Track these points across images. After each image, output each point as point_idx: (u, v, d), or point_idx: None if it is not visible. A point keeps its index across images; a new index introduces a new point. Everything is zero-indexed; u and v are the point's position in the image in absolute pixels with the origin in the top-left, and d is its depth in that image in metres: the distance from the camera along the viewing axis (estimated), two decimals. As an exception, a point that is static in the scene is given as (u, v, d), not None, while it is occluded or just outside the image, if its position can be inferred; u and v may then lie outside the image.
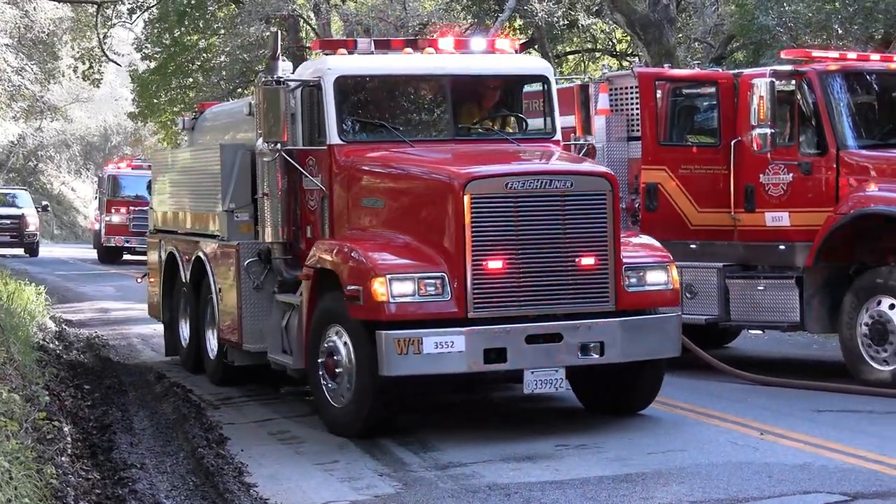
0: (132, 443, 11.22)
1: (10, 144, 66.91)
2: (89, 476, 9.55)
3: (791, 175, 14.19)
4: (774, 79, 13.87)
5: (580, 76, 15.94)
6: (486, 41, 13.45)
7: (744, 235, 14.72)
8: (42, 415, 10.48)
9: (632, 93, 15.08)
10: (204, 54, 42.88)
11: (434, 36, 14.54)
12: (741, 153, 14.63)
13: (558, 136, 12.86)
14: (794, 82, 14.24)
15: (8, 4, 45.89)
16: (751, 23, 24.77)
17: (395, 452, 10.62)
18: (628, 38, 34.41)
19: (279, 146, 12.22)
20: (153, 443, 11.35)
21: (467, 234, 10.71)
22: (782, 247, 14.29)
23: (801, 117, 14.26)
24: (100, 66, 46.59)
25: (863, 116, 14.63)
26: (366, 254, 10.98)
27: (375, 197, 11.83)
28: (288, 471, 10.16)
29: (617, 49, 38.46)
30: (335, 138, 12.09)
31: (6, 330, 14.57)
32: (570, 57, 39.66)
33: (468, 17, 34.36)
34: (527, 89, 13.21)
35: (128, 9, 43.95)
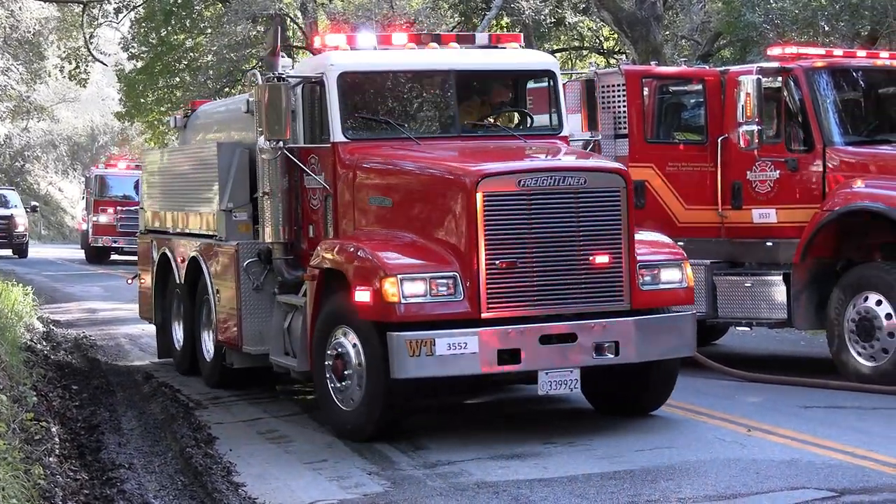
0: (120, 443, 11.21)
1: (-3, 145, 66.87)
2: (77, 476, 9.54)
3: (778, 172, 14.21)
4: (761, 76, 13.88)
5: (577, 72, 15.79)
6: (491, 35, 13.21)
7: (731, 232, 14.74)
8: (30, 415, 10.48)
9: (619, 90, 15.08)
10: (191, 53, 42.80)
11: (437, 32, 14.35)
12: (728, 150, 14.65)
13: (565, 132, 12.66)
14: (781, 79, 14.26)
15: (-7, 5, 45.85)
16: (737, 20, 24.82)
17: (384, 451, 10.59)
18: (615, 36, 34.47)
19: (282, 144, 12.01)
20: (141, 443, 11.34)
21: (480, 233, 10.48)
22: (769, 243, 14.32)
23: (788, 114, 14.27)
24: (86, 66, 46.51)
25: (849, 113, 14.66)
26: (375, 253, 10.73)
27: (383, 195, 11.55)
28: (276, 470, 10.15)
29: (604, 47, 38.53)
30: (339, 136, 11.84)
31: (-7, 331, 14.56)
32: (558, 55, 39.64)
33: (455, 16, 34.37)
34: (529, 85, 13.03)
35: (114, 8, 43.94)
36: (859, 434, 10.87)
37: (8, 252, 43.81)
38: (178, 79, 43.03)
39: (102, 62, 47.19)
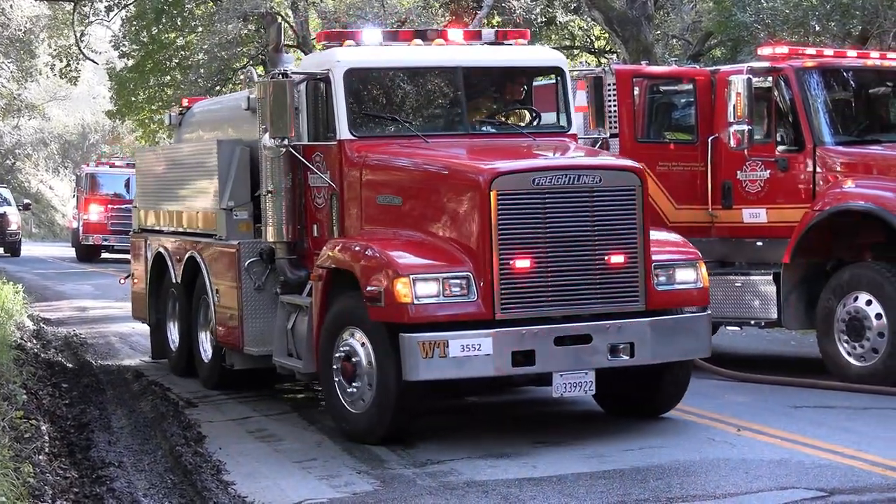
0: (110, 441, 11.19)
1: (-12, 143, 66.77)
2: (67, 475, 9.53)
3: (768, 171, 14.23)
4: (751, 75, 13.90)
5: (587, 69, 15.73)
6: (498, 31, 12.98)
7: (721, 232, 14.75)
8: (19, 413, 10.48)
9: (609, 90, 15.05)
10: (182, 52, 42.75)
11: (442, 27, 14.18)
12: (718, 150, 14.66)
13: (574, 130, 12.53)
14: (772, 79, 14.28)
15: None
16: (728, 20, 24.84)
17: (373, 450, 10.58)
18: (606, 35, 34.46)
19: (286, 142, 11.73)
20: (131, 441, 11.32)
21: (494, 232, 10.28)
22: (760, 243, 14.34)
23: (779, 114, 14.30)
24: (77, 64, 46.40)
25: (839, 113, 14.69)
26: (386, 253, 10.52)
27: (392, 194, 11.33)
28: (266, 469, 10.14)
29: (595, 46, 38.49)
30: (346, 133, 11.64)
31: (-17, 329, 14.54)
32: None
33: (446, 15, 34.35)
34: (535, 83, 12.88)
35: (105, 6, 43.82)
36: (849, 434, 10.88)
37: (0, 251, 43.70)
38: (169, 77, 42.99)
39: (93, 60, 47.09)
